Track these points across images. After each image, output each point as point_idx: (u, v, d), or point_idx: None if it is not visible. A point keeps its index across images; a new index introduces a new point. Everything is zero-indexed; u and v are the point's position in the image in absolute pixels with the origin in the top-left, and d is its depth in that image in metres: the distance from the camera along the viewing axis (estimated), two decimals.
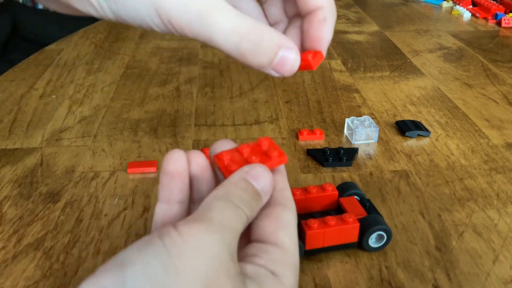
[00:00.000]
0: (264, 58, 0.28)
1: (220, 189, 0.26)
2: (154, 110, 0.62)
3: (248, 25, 0.27)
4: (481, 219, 0.43)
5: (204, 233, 0.23)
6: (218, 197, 0.26)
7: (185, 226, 0.23)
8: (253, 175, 0.27)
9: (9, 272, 0.37)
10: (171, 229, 0.23)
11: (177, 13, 0.26)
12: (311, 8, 0.30)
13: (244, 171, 0.27)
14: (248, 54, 0.28)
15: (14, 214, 0.43)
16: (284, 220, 0.27)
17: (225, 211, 0.25)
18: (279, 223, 0.27)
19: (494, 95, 0.67)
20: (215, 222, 0.24)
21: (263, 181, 0.27)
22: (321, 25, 0.30)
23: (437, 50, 0.84)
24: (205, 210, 0.25)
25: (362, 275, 0.37)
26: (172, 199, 0.28)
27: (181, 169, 0.28)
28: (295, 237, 0.27)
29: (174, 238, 0.22)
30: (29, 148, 0.54)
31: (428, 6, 1.13)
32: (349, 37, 0.91)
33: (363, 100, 0.65)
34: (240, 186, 0.27)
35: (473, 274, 0.37)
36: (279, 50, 0.28)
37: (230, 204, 0.25)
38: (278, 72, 0.29)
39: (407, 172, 0.49)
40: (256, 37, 0.28)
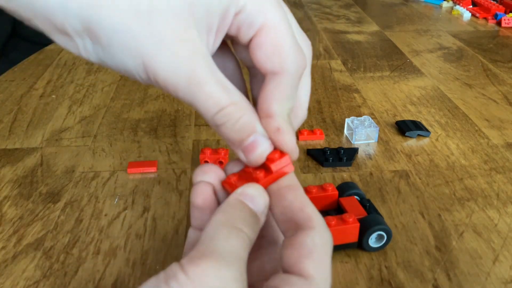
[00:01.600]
0: (236, 135, 0.27)
1: (219, 213, 0.26)
2: (154, 110, 0.62)
3: (230, 100, 0.27)
4: (481, 219, 0.43)
5: (211, 270, 0.22)
6: (221, 223, 0.25)
7: (192, 266, 0.22)
8: (246, 196, 0.26)
9: (9, 272, 0.37)
10: (178, 271, 0.22)
11: (166, 75, 0.26)
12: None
13: (237, 193, 0.26)
14: (223, 127, 0.27)
15: (14, 214, 0.43)
16: (308, 245, 0.25)
17: (229, 239, 0.24)
18: (302, 251, 0.25)
19: (494, 95, 0.67)
20: (221, 255, 0.23)
21: (257, 202, 0.26)
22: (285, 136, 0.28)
23: (437, 50, 0.84)
24: (209, 240, 0.24)
25: (362, 275, 0.37)
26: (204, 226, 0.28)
27: (209, 201, 0.28)
28: (323, 263, 0.25)
29: (181, 281, 0.22)
30: (29, 148, 0.54)
31: (428, 6, 1.13)
32: (349, 37, 0.91)
33: (363, 100, 0.65)
34: (238, 208, 0.26)
35: (473, 274, 0.37)
36: (252, 134, 0.27)
37: (233, 230, 0.24)
38: (246, 156, 0.28)
39: (407, 172, 0.49)
40: (234, 114, 0.27)
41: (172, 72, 0.26)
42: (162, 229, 0.42)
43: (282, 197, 0.27)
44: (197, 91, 0.26)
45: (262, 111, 0.28)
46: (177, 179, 0.48)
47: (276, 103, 0.27)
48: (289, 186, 0.27)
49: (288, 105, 0.28)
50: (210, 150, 0.49)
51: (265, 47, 0.27)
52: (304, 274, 0.24)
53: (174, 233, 0.41)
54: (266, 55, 0.27)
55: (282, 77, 0.27)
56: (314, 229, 0.25)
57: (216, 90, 0.26)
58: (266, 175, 0.27)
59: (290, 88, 0.28)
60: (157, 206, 0.44)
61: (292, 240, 0.25)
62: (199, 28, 0.26)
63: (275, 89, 0.27)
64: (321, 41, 0.88)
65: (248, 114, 0.27)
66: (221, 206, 0.26)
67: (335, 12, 1.08)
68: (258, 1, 0.27)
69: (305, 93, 0.31)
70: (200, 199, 0.28)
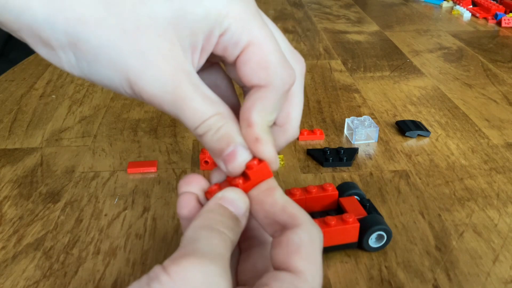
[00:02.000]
0: (216, 145, 0.28)
1: (199, 219, 0.26)
2: (154, 110, 0.62)
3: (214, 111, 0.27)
4: (481, 219, 0.43)
5: (193, 267, 0.22)
6: (201, 226, 0.25)
7: (174, 266, 0.22)
8: (226, 200, 0.26)
9: (9, 272, 0.37)
10: (160, 272, 0.22)
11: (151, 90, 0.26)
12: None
13: (217, 198, 0.27)
14: (204, 137, 0.28)
15: (14, 214, 0.43)
16: (295, 242, 0.25)
17: (211, 239, 0.24)
18: (289, 248, 0.25)
19: (494, 95, 0.67)
20: (203, 253, 0.23)
21: (238, 205, 0.26)
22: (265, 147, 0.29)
23: (437, 50, 0.84)
24: (190, 242, 0.24)
25: (362, 275, 0.37)
26: None
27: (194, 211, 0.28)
28: (312, 258, 0.25)
29: (163, 282, 0.22)
30: (29, 148, 0.54)
31: (428, 6, 1.13)
32: (349, 37, 0.91)
33: (363, 100, 0.65)
34: (218, 213, 0.26)
35: (473, 274, 0.37)
36: (231, 144, 0.28)
37: (214, 232, 0.24)
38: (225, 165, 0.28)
39: (407, 172, 0.49)
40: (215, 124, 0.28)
41: (157, 88, 0.26)
42: (162, 229, 0.42)
43: (262, 202, 0.27)
44: (182, 105, 0.27)
45: (243, 121, 0.28)
46: (177, 179, 0.48)
47: (257, 114, 0.28)
48: (267, 190, 0.27)
49: (269, 117, 0.28)
50: None
51: (250, 63, 0.27)
52: (293, 270, 0.24)
53: (174, 233, 0.41)
54: (252, 70, 0.27)
55: (266, 90, 0.28)
56: (299, 226, 0.25)
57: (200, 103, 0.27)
58: (244, 182, 0.27)
59: (273, 101, 0.28)
60: (157, 206, 0.44)
61: (279, 239, 0.25)
62: (184, 47, 0.27)
63: (258, 100, 0.28)
64: (321, 41, 0.88)
65: (229, 125, 0.28)
66: (201, 212, 0.26)
67: (335, 12, 1.08)
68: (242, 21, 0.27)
69: (297, 110, 0.31)
70: (186, 210, 0.28)
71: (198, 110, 0.27)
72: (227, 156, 0.28)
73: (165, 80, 0.26)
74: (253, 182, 0.27)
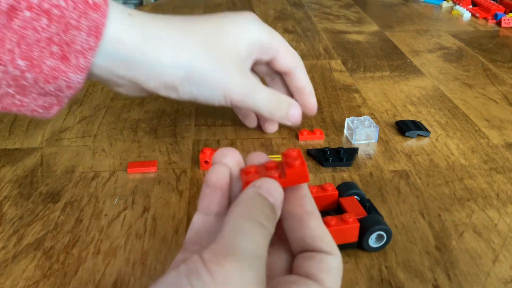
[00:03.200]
0: (282, 113, 0.50)
1: (241, 206, 0.26)
2: (154, 110, 0.62)
3: (274, 95, 0.49)
4: (481, 219, 0.43)
5: (235, 272, 0.22)
6: (244, 216, 0.25)
7: (215, 265, 0.22)
8: (265, 190, 0.27)
9: (9, 272, 0.37)
10: (201, 268, 0.22)
11: (238, 97, 0.46)
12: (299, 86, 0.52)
13: (256, 186, 0.27)
14: (274, 111, 0.49)
15: (14, 214, 0.43)
16: (329, 263, 0.27)
17: (253, 236, 0.24)
18: (323, 266, 0.26)
19: (494, 95, 0.67)
20: (245, 254, 0.23)
21: (275, 195, 0.27)
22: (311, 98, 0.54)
23: (437, 50, 0.84)
24: (233, 234, 0.24)
25: (362, 275, 0.37)
26: (211, 210, 0.29)
27: (223, 182, 0.29)
28: (338, 283, 0.26)
29: (204, 281, 0.22)
30: (29, 148, 0.54)
31: (428, 6, 1.13)
32: (349, 37, 0.91)
33: (363, 100, 0.65)
34: (258, 201, 0.26)
35: (473, 274, 0.37)
36: (290, 108, 0.50)
37: (256, 225, 0.25)
38: (290, 121, 0.50)
39: (407, 172, 0.49)
40: (277, 99, 0.49)
41: (241, 95, 0.46)
42: (162, 229, 0.42)
43: (305, 223, 0.28)
44: (255, 97, 0.47)
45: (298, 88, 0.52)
46: (177, 179, 0.48)
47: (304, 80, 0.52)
48: (312, 214, 0.28)
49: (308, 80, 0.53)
50: (210, 150, 0.49)
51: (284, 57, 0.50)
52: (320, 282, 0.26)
53: (174, 233, 0.41)
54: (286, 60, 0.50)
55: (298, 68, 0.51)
56: (334, 255, 0.27)
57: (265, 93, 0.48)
58: (280, 177, 0.28)
59: (304, 72, 0.52)
60: (157, 206, 0.44)
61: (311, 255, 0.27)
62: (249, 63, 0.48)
63: (300, 74, 0.51)
64: (321, 41, 0.88)
65: (284, 98, 0.50)
66: (241, 198, 0.27)
67: (335, 12, 1.08)
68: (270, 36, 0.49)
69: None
70: (214, 177, 0.29)
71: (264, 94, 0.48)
72: (290, 115, 0.50)
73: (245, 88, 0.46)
74: (289, 180, 0.28)
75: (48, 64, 0.37)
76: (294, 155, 0.28)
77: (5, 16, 0.34)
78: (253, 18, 0.48)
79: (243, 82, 0.45)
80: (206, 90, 0.44)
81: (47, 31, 0.36)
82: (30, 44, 0.36)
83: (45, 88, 0.38)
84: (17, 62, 0.36)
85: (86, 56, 0.38)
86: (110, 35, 0.39)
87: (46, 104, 0.40)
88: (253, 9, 1.08)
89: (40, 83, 0.38)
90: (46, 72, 0.37)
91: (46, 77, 0.37)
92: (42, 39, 0.36)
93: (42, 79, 0.37)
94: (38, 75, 0.37)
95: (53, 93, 0.39)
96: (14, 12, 0.34)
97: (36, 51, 0.36)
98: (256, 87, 0.47)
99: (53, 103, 0.40)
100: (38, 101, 0.40)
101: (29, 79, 0.37)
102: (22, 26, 0.35)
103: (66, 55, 0.37)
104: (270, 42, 0.48)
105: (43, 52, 0.36)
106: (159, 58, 0.41)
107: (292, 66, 0.50)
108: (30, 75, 0.37)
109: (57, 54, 0.37)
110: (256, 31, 0.47)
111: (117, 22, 0.39)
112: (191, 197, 0.46)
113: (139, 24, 0.41)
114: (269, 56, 0.49)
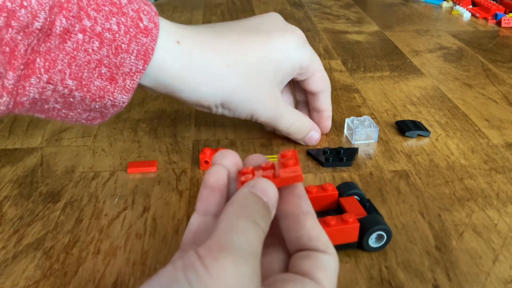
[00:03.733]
0: (302, 135, 0.52)
1: (235, 204, 0.27)
2: (154, 110, 0.62)
3: (298, 121, 0.51)
4: (481, 219, 0.43)
5: (230, 267, 0.22)
6: (237, 214, 0.26)
7: (211, 260, 0.23)
8: (259, 189, 0.27)
9: (9, 272, 0.37)
10: (196, 261, 0.22)
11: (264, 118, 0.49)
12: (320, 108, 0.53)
13: (250, 186, 0.28)
14: (295, 133, 0.52)
15: (14, 214, 0.43)
16: (324, 262, 0.27)
17: (247, 233, 0.25)
18: (319, 264, 0.27)
19: (494, 95, 0.67)
20: (239, 249, 0.23)
21: (269, 194, 0.28)
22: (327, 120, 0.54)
23: (437, 50, 0.84)
24: (227, 231, 0.24)
25: (362, 275, 0.37)
26: (209, 211, 0.29)
27: (221, 182, 0.29)
28: (333, 282, 0.27)
29: (200, 274, 0.22)
30: (29, 148, 0.54)
31: (428, 6, 1.13)
32: (349, 37, 0.91)
33: (363, 100, 0.65)
34: (252, 200, 0.27)
35: (473, 274, 0.37)
36: (310, 131, 0.52)
37: (250, 223, 0.25)
38: (306, 143, 0.53)
39: (407, 172, 0.49)
40: (300, 125, 0.51)
41: (268, 116, 0.49)
42: (162, 229, 0.42)
43: (301, 223, 0.29)
44: (280, 119, 0.50)
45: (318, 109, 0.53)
46: (177, 179, 0.48)
47: (326, 104, 0.53)
48: (308, 214, 0.29)
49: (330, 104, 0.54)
50: (210, 150, 0.49)
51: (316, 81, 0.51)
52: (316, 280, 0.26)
53: (174, 233, 0.41)
54: (317, 84, 0.51)
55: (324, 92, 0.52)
56: (330, 255, 0.28)
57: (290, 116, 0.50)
58: (275, 177, 0.29)
59: (329, 96, 0.53)
60: (157, 206, 0.44)
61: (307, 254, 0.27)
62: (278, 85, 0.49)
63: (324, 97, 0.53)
64: (321, 41, 0.88)
65: (307, 121, 0.52)
66: (236, 197, 0.27)
67: (335, 12, 1.08)
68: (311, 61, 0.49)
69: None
70: (213, 178, 0.29)
71: (289, 119, 0.50)
72: (309, 138, 0.53)
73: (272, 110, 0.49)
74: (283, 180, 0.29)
75: (96, 84, 0.38)
76: (289, 156, 0.29)
77: (58, 39, 0.35)
78: (301, 40, 0.48)
79: (273, 109, 0.48)
80: (237, 112, 0.47)
81: (98, 53, 0.37)
82: (81, 65, 0.37)
83: (90, 106, 0.40)
84: (66, 82, 0.37)
85: (133, 79, 0.40)
86: (155, 62, 0.40)
87: (90, 118, 0.42)
88: (253, 9, 1.08)
89: (86, 101, 0.39)
90: (94, 92, 0.38)
91: (93, 96, 0.39)
92: (93, 61, 0.37)
93: (89, 97, 0.39)
94: (85, 94, 0.38)
95: (98, 110, 0.41)
96: (68, 35, 0.35)
97: (86, 72, 0.37)
98: (283, 111, 0.49)
99: (97, 117, 0.42)
100: (83, 115, 0.41)
101: (76, 97, 0.38)
102: (74, 48, 0.36)
103: (114, 77, 0.39)
104: (309, 66, 0.49)
105: (92, 73, 0.38)
106: (200, 89, 0.44)
107: (320, 90, 0.51)
108: (78, 94, 0.38)
109: (106, 75, 0.38)
110: (300, 57, 0.48)
111: (164, 50, 0.40)
112: (191, 197, 0.46)
113: (185, 54, 0.42)
114: (303, 77, 0.50)
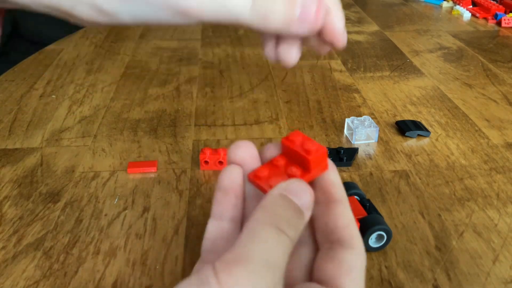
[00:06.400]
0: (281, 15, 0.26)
1: (260, 211, 0.24)
2: (154, 110, 0.62)
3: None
4: (481, 219, 0.43)
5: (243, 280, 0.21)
6: (261, 222, 0.24)
7: (225, 274, 0.21)
8: (291, 191, 0.25)
9: (9, 272, 0.37)
10: (211, 278, 0.21)
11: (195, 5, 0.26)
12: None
13: (281, 188, 0.25)
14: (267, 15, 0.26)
15: (14, 214, 0.43)
16: (349, 263, 0.25)
17: (269, 243, 0.23)
18: (343, 267, 0.25)
19: (494, 95, 0.67)
20: (256, 262, 0.22)
21: (303, 197, 0.25)
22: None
23: (437, 50, 0.84)
24: (247, 242, 0.23)
25: None
26: (225, 215, 0.28)
27: (236, 184, 0.27)
28: (360, 282, 0.25)
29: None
30: (29, 148, 0.54)
31: (428, 6, 1.13)
32: (349, 37, 0.91)
33: (363, 100, 0.65)
34: (281, 205, 0.25)
35: (473, 274, 0.37)
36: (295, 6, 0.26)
37: (273, 231, 0.23)
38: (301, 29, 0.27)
39: (407, 172, 0.49)
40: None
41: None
42: (162, 229, 0.42)
43: (330, 210, 0.27)
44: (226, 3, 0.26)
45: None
46: (177, 179, 0.48)
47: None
48: (339, 201, 0.27)
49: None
50: (210, 150, 0.49)
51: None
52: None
53: (174, 233, 0.41)
54: None
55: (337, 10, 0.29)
56: (355, 249, 0.26)
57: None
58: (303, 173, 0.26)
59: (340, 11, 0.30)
60: (157, 206, 0.44)
61: (331, 255, 0.26)
62: None
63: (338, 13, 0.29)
64: None
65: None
66: (263, 202, 0.25)
67: None
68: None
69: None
70: (226, 180, 0.27)
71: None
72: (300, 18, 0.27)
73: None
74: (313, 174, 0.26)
75: None
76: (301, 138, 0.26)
77: None
78: None
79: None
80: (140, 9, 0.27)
81: None
82: None
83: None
84: None
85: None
86: None
87: None
88: None
89: None
90: None
91: None
92: None
93: None
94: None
95: None
96: None
97: None
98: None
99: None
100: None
101: None
102: None
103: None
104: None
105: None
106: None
107: None
108: None
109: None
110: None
111: None
112: (191, 197, 0.46)
113: None
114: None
